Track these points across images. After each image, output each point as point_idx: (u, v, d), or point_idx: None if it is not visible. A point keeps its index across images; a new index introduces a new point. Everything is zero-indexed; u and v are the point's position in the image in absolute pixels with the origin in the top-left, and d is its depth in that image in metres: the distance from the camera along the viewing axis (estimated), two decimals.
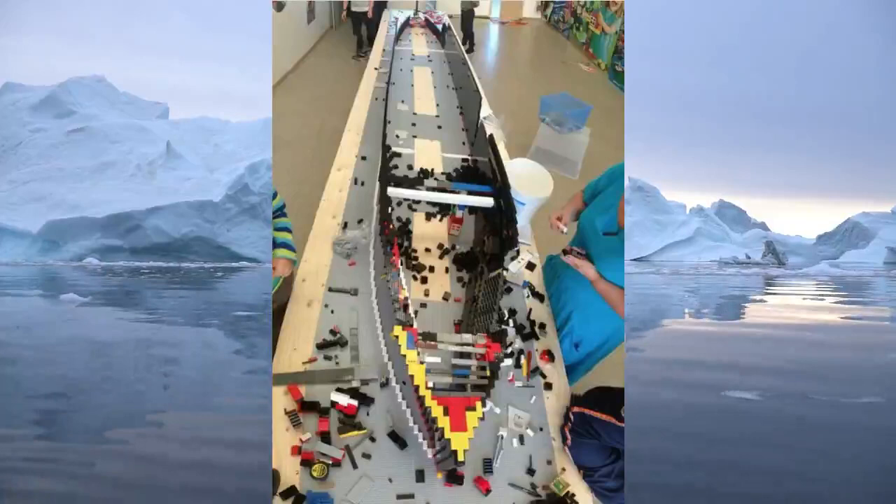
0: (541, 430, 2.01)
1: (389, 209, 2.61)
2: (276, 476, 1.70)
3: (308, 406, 1.92)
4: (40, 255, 25.85)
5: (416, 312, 2.22)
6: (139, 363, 5.83)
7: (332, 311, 2.39)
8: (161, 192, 27.24)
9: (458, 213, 2.81)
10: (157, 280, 16.38)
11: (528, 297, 2.70)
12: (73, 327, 7.93)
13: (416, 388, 1.75)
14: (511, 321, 2.46)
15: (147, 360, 6.00)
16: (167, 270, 20.95)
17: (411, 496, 1.71)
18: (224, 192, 27.00)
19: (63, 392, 4.68)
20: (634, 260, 34.16)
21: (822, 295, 14.98)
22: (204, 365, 5.86)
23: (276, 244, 2.59)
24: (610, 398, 1.96)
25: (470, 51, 12.99)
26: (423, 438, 1.80)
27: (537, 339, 2.44)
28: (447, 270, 2.73)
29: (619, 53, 12.65)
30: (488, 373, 1.85)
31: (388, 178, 2.71)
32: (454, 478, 1.76)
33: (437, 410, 1.69)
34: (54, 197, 27.52)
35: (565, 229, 2.68)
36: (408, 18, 8.65)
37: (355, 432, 1.86)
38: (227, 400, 4.61)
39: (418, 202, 2.91)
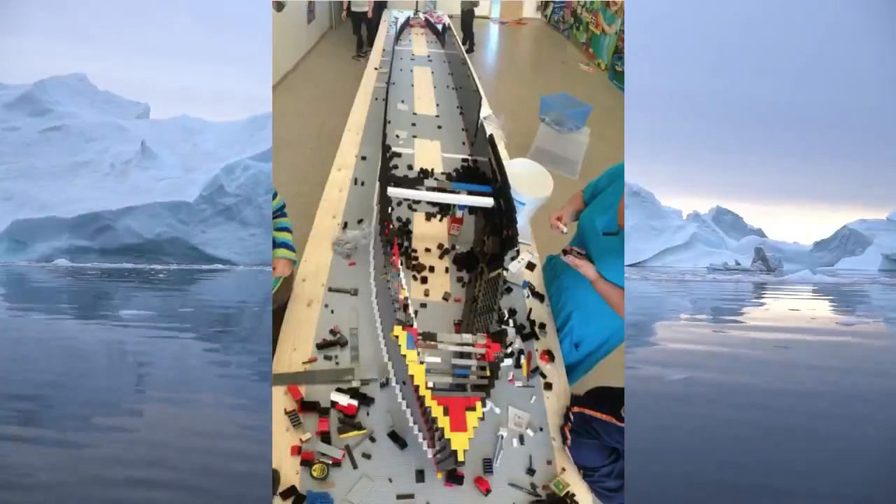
0: (541, 430, 2.01)
1: (389, 209, 2.61)
2: (276, 476, 1.70)
3: (308, 406, 1.92)
4: (7, 255, 25.23)
5: (416, 312, 2.22)
6: (112, 367, 5.71)
7: (332, 311, 2.39)
8: (135, 192, 26.61)
9: (458, 213, 2.81)
10: (128, 282, 16.04)
11: (528, 297, 2.70)
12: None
13: (416, 388, 1.75)
14: (511, 321, 2.46)
15: (121, 363, 5.89)
16: (138, 272, 20.40)
17: (411, 496, 1.71)
18: (198, 192, 26.43)
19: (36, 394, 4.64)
20: (628, 266, 33.97)
21: (806, 301, 14.96)
22: (179, 370, 5.68)
23: (276, 244, 2.59)
24: (610, 398, 1.97)
25: (470, 51, 12.99)
26: (423, 438, 1.80)
27: (537, 339, 2.44)
28: (447, 270, 2.73)
29: (619, 53, 12.65)
30: (488, 373, 1.85)
31: (388, 178, 2.71)
32: (454, 478, 1.76)
33: (437, 410, 1.69)
34: (25, 195, 26.88)
35: (565, 229, 2.68)
36: (408, 18, 8.65)
37: (355, 432, 1.86)
38: (212, 398, 4.57)
39: (418, 202, 2.91)
